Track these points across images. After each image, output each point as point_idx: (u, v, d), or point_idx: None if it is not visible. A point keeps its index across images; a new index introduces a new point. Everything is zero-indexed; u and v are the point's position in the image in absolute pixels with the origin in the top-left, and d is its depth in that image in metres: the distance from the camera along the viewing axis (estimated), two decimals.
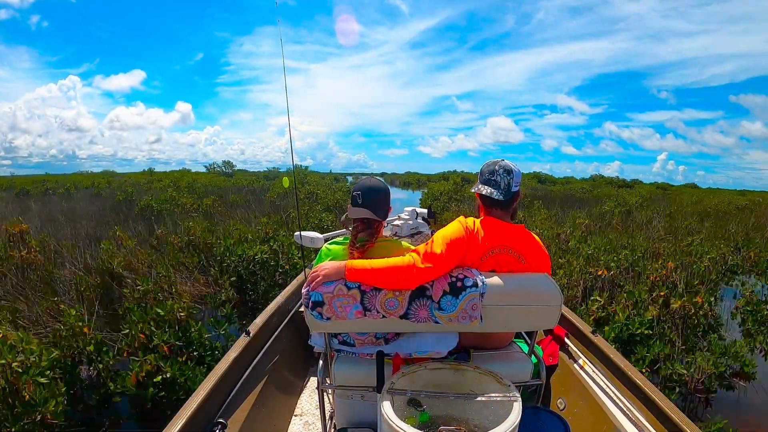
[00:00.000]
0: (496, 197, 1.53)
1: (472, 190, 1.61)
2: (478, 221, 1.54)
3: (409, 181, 43.62)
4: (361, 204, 1.59)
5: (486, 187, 1.56)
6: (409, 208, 2.64)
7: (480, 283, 1.38)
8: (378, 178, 1.69)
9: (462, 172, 38.80)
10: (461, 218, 1.55)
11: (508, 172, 1.56)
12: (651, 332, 3.53)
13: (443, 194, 15.48)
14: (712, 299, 4.36)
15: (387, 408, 1.23)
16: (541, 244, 1.59)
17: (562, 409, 2.01)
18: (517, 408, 1.22)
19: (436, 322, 1.40)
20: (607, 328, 3.57)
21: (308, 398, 2.42)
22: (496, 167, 1.57)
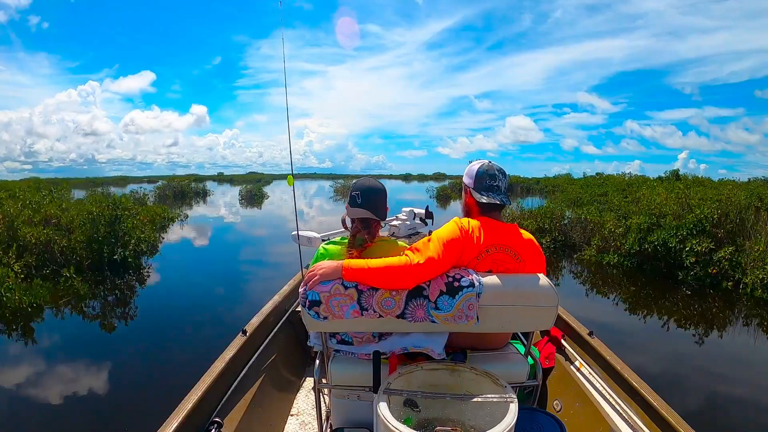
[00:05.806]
0: (500, 203, 1.54)
1: (481, 200, 1.54)
2: (473, 221, 1.54)
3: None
4: (360, 204, 1.59)
5: (489, 194, 1.55)
6: (407, 209, 2.65)
7: (477, 283, 1.38)
8: (374, 178, 1.69)
9: None
10: (456, 219, 1.55)
11: (504, 173, 1.58)
12: None
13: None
14: None
15: (383, 408, 1.22)
16: (536, 241, 1.59)
17: (558, 411, 2.01)
18: (513, 409, 1.22)
19: (433, 322, 1.40)
20: None
21: (305, 398, 2.42)
22: (495, 171, 1.56)
